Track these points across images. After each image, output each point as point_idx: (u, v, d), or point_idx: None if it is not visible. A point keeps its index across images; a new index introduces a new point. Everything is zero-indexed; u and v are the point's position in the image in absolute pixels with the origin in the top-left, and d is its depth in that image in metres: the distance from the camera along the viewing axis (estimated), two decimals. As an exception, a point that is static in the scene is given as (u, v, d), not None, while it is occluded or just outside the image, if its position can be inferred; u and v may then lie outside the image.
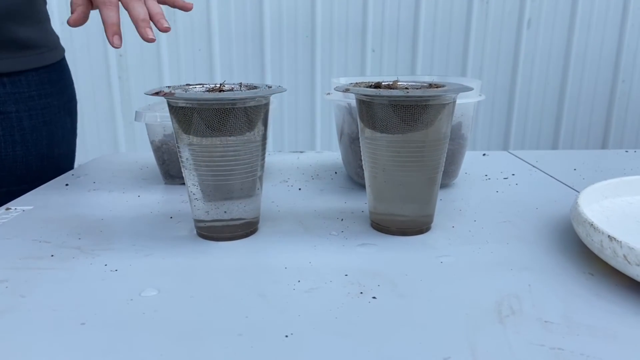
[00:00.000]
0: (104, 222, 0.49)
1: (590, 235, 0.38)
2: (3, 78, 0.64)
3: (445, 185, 0.60)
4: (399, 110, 0.41)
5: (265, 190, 0.59)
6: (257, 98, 0.41)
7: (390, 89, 0.42)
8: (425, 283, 0.36)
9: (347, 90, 0.43)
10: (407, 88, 0.44)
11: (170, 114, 0.42)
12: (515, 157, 0.77)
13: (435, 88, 0.43)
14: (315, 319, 0.32)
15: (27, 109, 0.67)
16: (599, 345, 0.29)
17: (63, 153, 0.74)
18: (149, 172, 0.68)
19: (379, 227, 0.46)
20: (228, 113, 0.40)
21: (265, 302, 0.34)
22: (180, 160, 0.43)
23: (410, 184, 0.44)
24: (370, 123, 0.43)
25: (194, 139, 0.41)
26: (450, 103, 0.42)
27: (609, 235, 0.35)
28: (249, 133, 0.41)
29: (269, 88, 0.43)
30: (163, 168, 0.62)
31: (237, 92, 0.41)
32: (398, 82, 0.47)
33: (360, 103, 0.44)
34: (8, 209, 0.52)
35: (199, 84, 0.45)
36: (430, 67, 1.90)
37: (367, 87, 0.45)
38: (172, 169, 0.61)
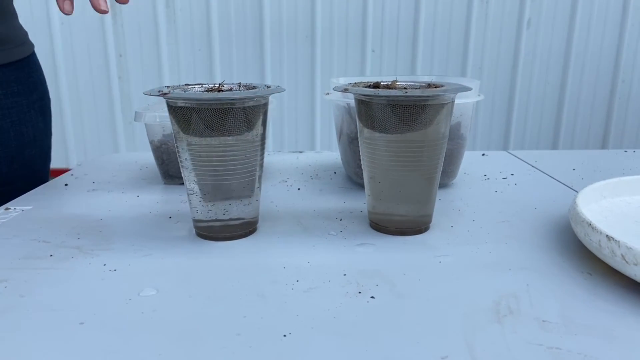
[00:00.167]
0: (103, 222, 0.49)
1: (589, 235, 0.38)
2: None
3: (444, 185, 0.61)
4: (398, 110, 0.41)
5: (265, 190, 0.59)
6: (255, 98, 0.41)
7: (389, 89, 0.42)
8: (424, 283, 0.36)
9: (345, 90, 0.43)
10: (405, 88, 0.44)
11: (169, 114, 0.42)
12: (515, 157, 0.77)
13: (434, 88, 0.43)
14: (314, 319, 0.32)
15: None
16: (597, 345, 0.29)
17: (35, 154, 0.70)
18: (148, 172, 0.68)
19: (378, 227, 0.46)
20: (227, 113, 0.40)
21: (264, 301, 0.34)
22: (180, 160, 0.43)
23: (409, 184, 0.44)
24: (369, 123, 0.43)
25: (193, 139, 0.41)
26: (449, 103, 0.42)
27: (607, 235, 0.35)
28: (248, 133, 0.42)
29: (268, 88, 0.43)
30: (162, 168, 0.62)
31: (235, 92, 0.42)
32: (397, 82, 0.47)
33: (359, 103, 0.44)
34: (7, 209, 0.52)
35: (198, 84, 0.45)
36: (430, 67, 1.90)
37: (365, 87, 0.45)
38: (171, 169, 0.61)
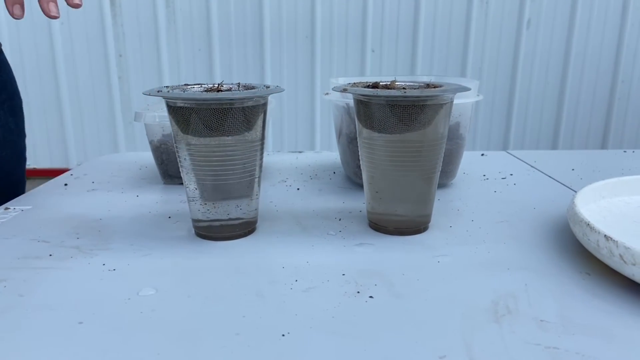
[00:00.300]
0: (103, 221, 0.49)
1: (587, 235, 0.38)
2: None
3: (444, 185, 0.61)
4: (397, 111, 0.41)
5: (264, 190, 0.59)
6: (255, 98, 0.41)
7: (388, 89, 0.43)
8: (422, 282, 0.37)
9: (344, 91, 0.43)
10: (404, 88, 0.44)
11: (169, 114, 0.42)
12: (514, 157, 0.77)
13: (433, 88, 0.43)
14: (313, 319, 0.32)
15: None
16: (595, 345, 0.29)
17: (6, 155, 0.68)
18: (148, 172, 0.68)
19: (377, 226, 0.46)
20: (226, 113, 0.40)
21: (263, 301, 0.34)
22: (179, 161, 0.43)
23: (408, 184, 0.44)
24: (368, 123, 0.43)
25: (192, 139, 0.41)
26: (448, 103, 0.42)
27: (605, 235, 0.35)
28: (247, 133, 0.42)
29: (267, 88, 0.43)
30: (162, 168, 0.62)
31: (235, 92, 0.42)
32: (396, 82, 0.47)
33: (358, 103, 0.44)
34: (7, 209, 0.52)
35: (197, 84, 0.45)
36: (430, 67, 1.90)
37: (364, 87, 0.45)
38: (170, 169, 0.61)
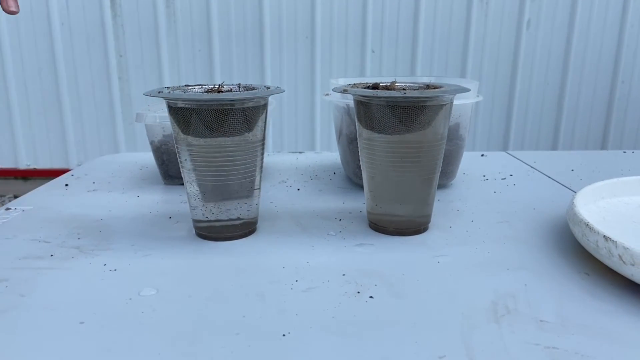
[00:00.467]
0: (104, 222, 0.49)
1: (586, 235, 0.38)
2: None
3: (443, 186, 0.61)
4: (397, 111, 0.41)
5: (264, 191, 0.59)
6: (255, 99, 0.41)
7: (388, 90, 0.43)
8: (422, 283, 0.37)
9: (344, 91, 0.43)
10: (404, 89, 0.44)
11: (170, 115, 0.42)
12: (514, 157, 0.77)
13: (433, 89, 0.43)
14: (313, 318, 0.32)
15: None
16: (593, 345, 0.29)
17: None
18: (149, 172, 0.68)
19: (377, 227, 0.46)
20: (226, 114, 0.40)
21: (263, 301, 0.34)
22: (179, 161, 0.43)
23: (408, 185, 0.44)
24: (368, 124, 0.43)
25: (193, 140, 0.41)
26: (448, 104, 0.43)
27: (605, 235, 0.36)
28: (248, 134, 0.42)
29: (267, 89, 0.43)
30: (162, 168, 0.62)
31: (235, 93, 0.42)
32: (395, 83, 0.47)
33: (358, 104, 0.44)
34: (8, 209, 0.52)
35: (198, 85, 0.45)
36: (430, 68, 1.90)
37: (364, 88, 0.45)
38: (171, 170, 0.61)
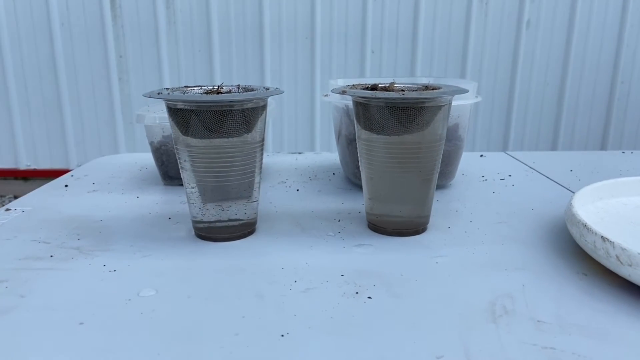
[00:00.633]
0: (103, 222, 0.49)
1: (584, 236, 0.38)
2: None
3: (442, 186, 0.61)
4: (395, 112, 0.41)
5: (264, 191, 0.59)
6: (254, 100, 0.41)
7: (386, 91, 0.43)
8: (420, 283, 0.37)
9: (343, 92, 0.43)
10: (403, 90, 0.44)
11: (169, 116, 0.42)
12: (513, 158, 0.77)
13: (431, 90, 0.44)
14: (311, 319, 0.32)
15: None
16: (591, 345, 0.29)
17: None
18: (148, 173, 0.68)
19: (376, 227, 0.47)
20: (226, 115, 0.40)
21: (262, 302, 0.34)
22: (179, 162, 0.43)
23: (407, 185, 0.44)
24: (367, 125, 0.43)
25: (192, 141, 0.41)
26: (446, 105, 0.43)
27: (602, 236, 0.36)
28: (247, 135, 0.42)
29: (267, 90, 0.44)
30: (162, 169, 0.62)
31: (234, 94, 0.42)
32: (394, 84, 0.47)
33: (357, 105, 0.44)
34: (8, 210, 0.53)
35: (197, 86, 0.45)
36: (430, 68, 1.91)
37: (363, 89, 0.45)
38: (170, 170, 0.61)
